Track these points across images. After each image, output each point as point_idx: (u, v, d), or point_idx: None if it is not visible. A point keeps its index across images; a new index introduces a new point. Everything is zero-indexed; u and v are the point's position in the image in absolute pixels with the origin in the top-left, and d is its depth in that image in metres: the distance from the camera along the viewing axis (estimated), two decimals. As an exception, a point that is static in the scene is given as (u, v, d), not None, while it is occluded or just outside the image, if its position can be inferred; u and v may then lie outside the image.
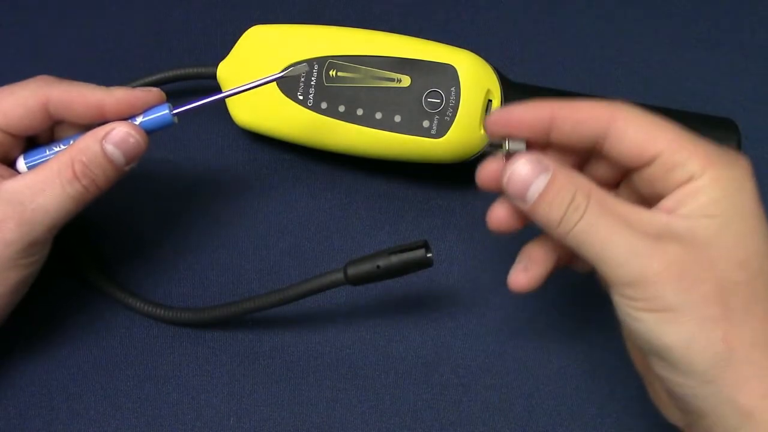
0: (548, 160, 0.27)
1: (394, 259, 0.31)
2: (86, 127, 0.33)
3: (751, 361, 0.25)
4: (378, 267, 0.31)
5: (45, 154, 0.33)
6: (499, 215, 0.30)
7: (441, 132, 0.36)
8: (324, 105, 0.37)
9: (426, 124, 0.36)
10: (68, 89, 0.32)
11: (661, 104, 0.39)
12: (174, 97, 0.38)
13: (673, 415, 0.29)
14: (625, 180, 0.30)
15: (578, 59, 0.44)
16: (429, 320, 0.37)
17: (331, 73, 0.37)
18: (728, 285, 0.25)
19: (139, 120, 0.32)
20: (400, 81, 0.36)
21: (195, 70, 0.40)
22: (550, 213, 0.27)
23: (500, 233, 0.30)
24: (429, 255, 0.31)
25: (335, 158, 0.40)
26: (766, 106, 0.42)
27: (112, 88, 0.32)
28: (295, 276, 0.38)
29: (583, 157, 0.30)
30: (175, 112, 0.33)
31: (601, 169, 0.30)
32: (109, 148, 0.31)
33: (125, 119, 0.32)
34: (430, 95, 0.36)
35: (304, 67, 0.33)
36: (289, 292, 0.33)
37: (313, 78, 0.37)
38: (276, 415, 0.35)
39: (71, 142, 0.32)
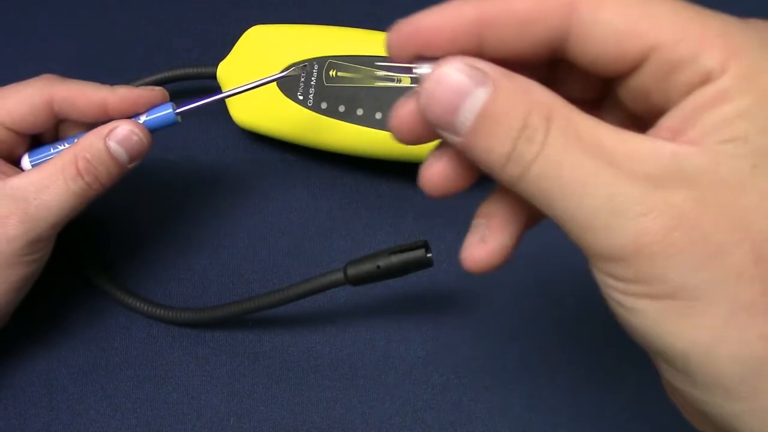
0: (488, 65, 0.18)
1: (394, 259, 0.31)
2: (90, 125, 0.33)
3: None
4: (378, 267, 0.31)
5: (49, 152, 0.33)
6: (435, 170, 0.21)
7: (441, 132, 0.36)
8: (324, 105, 0.37)
9: (426, 124, 0.36)
10: (72, 88, 0.32)
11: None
12: (174, 97, 0.38)
13: (700, 425, 0.21)
14: (608, 97, 0.21)
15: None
16: (429, 320, 0.37)
17: (331, 73, 0.37)
18: None
19: (143, 119, 0.33)
20: (400, 81, 0.36)
21: (195, 70, 0.41)
22: (492, 146, 0.18)
23: (440, 195, 0.21)
24: (429, 255, 0.31)
25: (335, 158, 0.40)
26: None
27: (115, 86, 0.33)
28: (295, 276, 0.38)
29: (539, 72, 0.20)
30: (178, 111, 0.33)
31: (571, 86, 0.21)
32: (113, 145, 0.31)
33: (129, 118, 0.32)
34: (430, 95, 0.36)
35: (305, 67, 0.33)
36: (289, 292, 0.33)
37: (313, 78, 0.37)
38: (276, 415, 0.35)
39: (75, 140, 0.32)
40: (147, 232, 0.39)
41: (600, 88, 0.21)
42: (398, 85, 0.36)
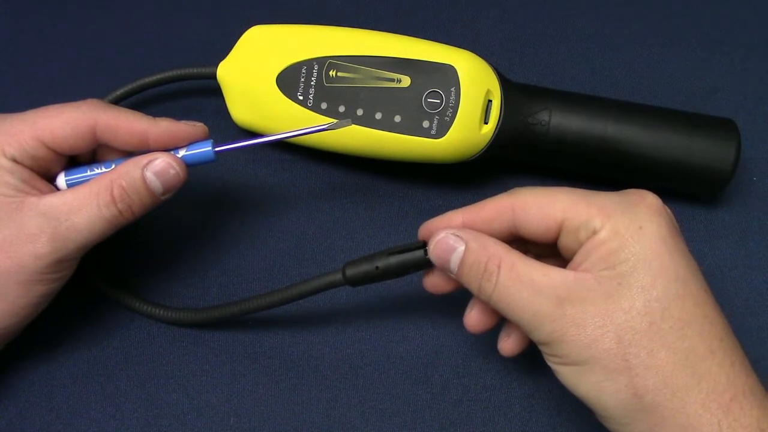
0: (465, 233, 0.30)
1: (393, 260, 0.31)
2: (128, 152, 0.33)
3: (660, 405, 0.26)
4: (377, 268, 0.31)
5: (86, 173, 0.33)
6: (434, 282, 0.33)
7: (441, 132, 0.36)
8: (324, 105, 0.37)
9: (426, 124, 0.36)
10: (116, 116, 0.32)
11: (662, 104, 0.39)
12: (174, 97, 0.38)
13: None
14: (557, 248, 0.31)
15: (578, 59, 0.44)
16: (429, 320, 0.37)
17: (331, 73, 0.37)
18: (628, 335, 0.26)
19: (181, 153, 0.33)
20: (400, 81, 0.36)
21: (195, 70, 0.40)
22: (469, 282, 0.29)
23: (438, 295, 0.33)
24: (428, 256, 0.31)
25: (335, 158, 0.40)
26: (766, 106, 0.42)
27: (158, 118, 0.33)
28: (295, 276, 0.38)
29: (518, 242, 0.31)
30: (217, 149, 0.33)
31: (534, 247, 0.31)
32: (149, 176, 0.32)
33: (168, 150, 0.33)
34: (430, 95, 0.36)
35: (348, 122, 0.34)
36: (288, 293, 0.33)
37: (313, 78, 0.37)
38: (276, 415, 0.35)
39: (112, 165, 0.33)
40: (147, 233, 0.39)
41: (550, 249, 0.31)
42: (398, 85, 0.36)
